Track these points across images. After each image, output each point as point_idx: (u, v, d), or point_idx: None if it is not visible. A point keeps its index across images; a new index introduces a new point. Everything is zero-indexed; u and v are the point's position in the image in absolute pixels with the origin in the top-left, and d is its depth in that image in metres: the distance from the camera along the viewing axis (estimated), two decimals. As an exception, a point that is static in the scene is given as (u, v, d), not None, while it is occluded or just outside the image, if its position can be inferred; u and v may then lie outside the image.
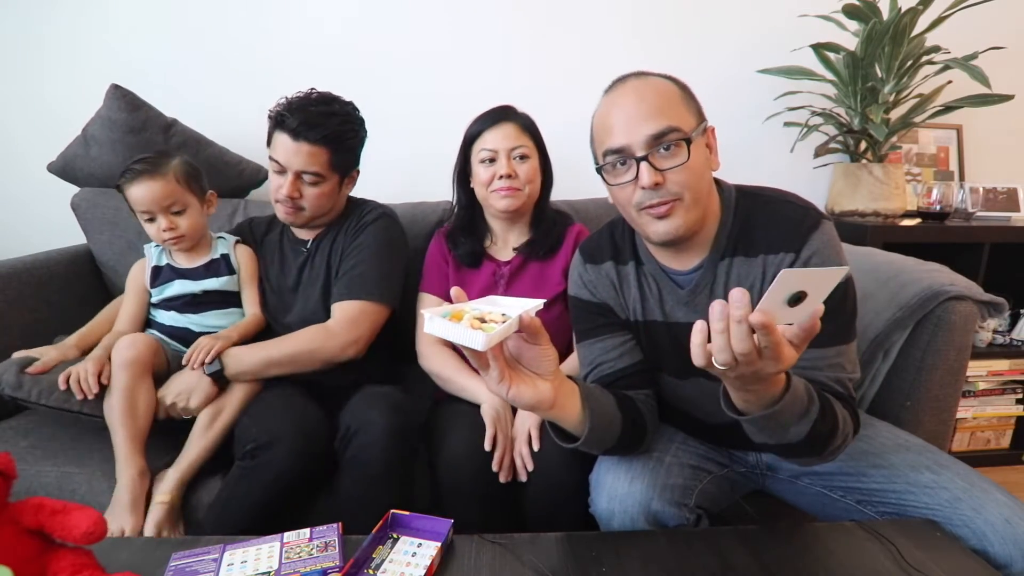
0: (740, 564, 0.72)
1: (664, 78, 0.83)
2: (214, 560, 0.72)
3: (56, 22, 1.66)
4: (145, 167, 1.16)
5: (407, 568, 0.70)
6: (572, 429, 0.78)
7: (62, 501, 0.65)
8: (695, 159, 0.78)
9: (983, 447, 1.88)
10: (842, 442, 0.76)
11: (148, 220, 1.19)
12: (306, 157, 1.15)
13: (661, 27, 1.83)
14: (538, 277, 1.25)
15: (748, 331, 0.55)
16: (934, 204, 1.73)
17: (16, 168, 1.69)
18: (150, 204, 1.16)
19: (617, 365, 0.92)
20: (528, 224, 1.29)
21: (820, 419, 0.70)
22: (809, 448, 0.73)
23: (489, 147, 1.19)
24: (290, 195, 1.17)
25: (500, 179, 1.18)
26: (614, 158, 0.81)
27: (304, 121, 1.13)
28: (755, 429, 0.71)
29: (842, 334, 0.81)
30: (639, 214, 0.82)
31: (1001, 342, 1.81)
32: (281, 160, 1.16)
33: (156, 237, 1.20)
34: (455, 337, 0.61)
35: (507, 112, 1.22)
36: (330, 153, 1.17)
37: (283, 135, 1.15)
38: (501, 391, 0.67)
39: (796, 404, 0.68)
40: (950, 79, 1.68)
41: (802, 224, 0.81)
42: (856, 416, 0.80)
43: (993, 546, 0.74)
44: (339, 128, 1.17)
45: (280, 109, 1.16)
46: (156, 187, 1.15)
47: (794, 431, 0.70)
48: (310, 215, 1.23)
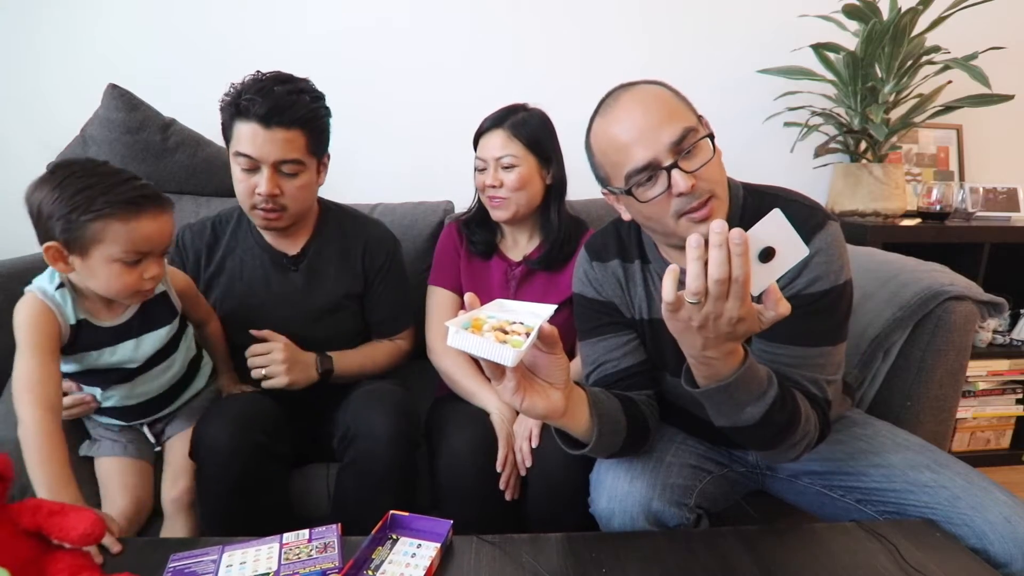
0: (740, 564, 0.72)
1: (653, 83, 0.81)
2: (213, 561, 0.71)
3: (52, 23, 1.66)
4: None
5: (406, 569, 0.70)
6: (580, 436, 0.78)
7: (60, 502, 0.66)
8: (717, 152, 0.78)
9: (983, 447, 1.88)
10: (802, 440, 0.76)
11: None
12: (283, 145, 1.02)
13: (661, 27, 1.83)
14: (549, 282, 1.23)
15: (726, 257, 0.57)
16: (934, 204, 1.73)
17: (15, 168, 1.69)
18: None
19: (620, 364, 0.92)
20: (535, 230, 1.26)
21: (777, 405, 0.71)
22: (763, 434, 0.73)
23: (479, 155, 1.19)
24: (270, 193, 1.04)
25: (490, 187, 1.17)
26: (641, 176, 0.77)
27: (275, 105, 1.00)
28: (712, 407, 0.72)
29: (831, 335, 0.81)
30: (679, 222, 0.78)
31: (1001, 342, 1.81)
32: (254, 153, 1.02)
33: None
34: (483, 352, 0.60)
35: (502, 117, 1.18)
36: (306, 137, 1.05)
37: (250, 124, 1.01)
38: (515, 402, 0.66)
39: (752, 382, 0.69)
40: (950, 79, 1.68)
41: (807, 223, 0.81)
42: (825, 420, 0.80)
43: (993, 545, 0.74)
44: (311, 107, 1.05)
45: (238, 96, 1.01)
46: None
47: (749, 411, 0.70)
48: (294, 214, 1.10)
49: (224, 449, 0.94)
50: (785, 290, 0.80)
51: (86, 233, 0.84)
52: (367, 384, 1.14)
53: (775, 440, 0.75)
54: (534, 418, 0.71)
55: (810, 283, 0.79)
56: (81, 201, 0.83)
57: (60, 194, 0.84)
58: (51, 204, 0.84)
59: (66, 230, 0.84)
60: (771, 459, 0.80)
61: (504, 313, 0.66)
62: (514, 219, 1.21)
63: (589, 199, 1.61)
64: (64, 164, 0.88)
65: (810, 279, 0.79)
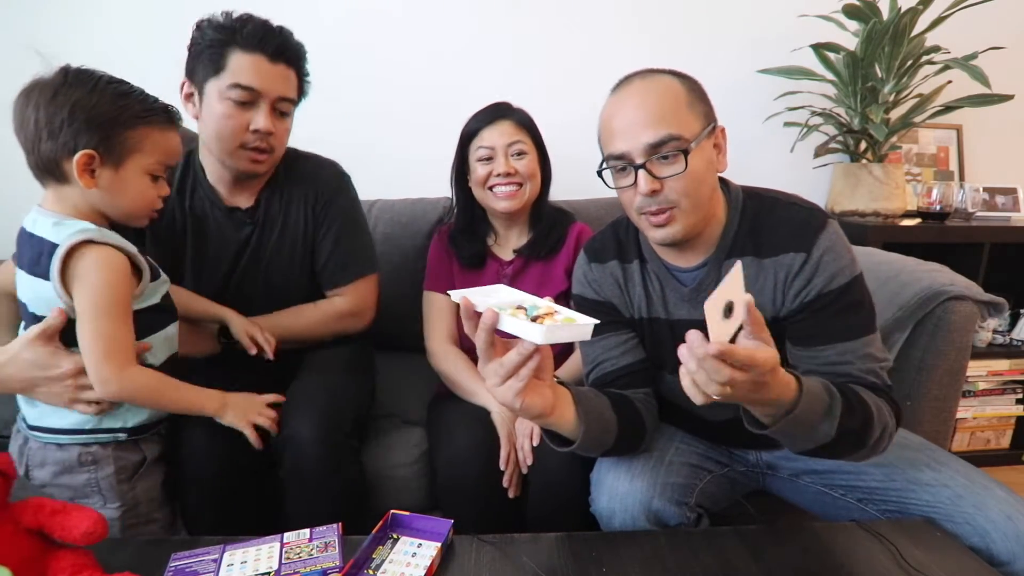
0: (740, 564, 0.72)
1: (673, 76, 0.83)
2: (214, 560, 0.71)
3: (53, 23, 1.66)
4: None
5: (407, 568, 0.70)
6: (568, 433, 0.78)
7: (62, 501, 0.66)
8: (694, 167, 0.78)
9: (983, 447, 1.88)
10: (882, 431, 0.76)
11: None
12: (284, 81, 1.01)
13: (661, 27, 1.83)
14: (540, 277, 1.24)
15: (717, 363, 0.57)
16: (934, 204, 1.73)
17: (15, 169, 1.69)
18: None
19: (619, 363, 0.92)
20: (527, 224, 1.28)
21: (847, 414, 0.71)
22: (846, 444, 0.74)
23: (486, 144, 1.18)
24: (268, 129, 1.00)
25: (498, 176, 1.17)
26: (615, 163, 0.82)
27: (283, 42, 0.99)
28: (787, 439, 0.73)
29: (865, 326, 0.81)
30: (639, 218, 0.84)
31: (1001, 342, 1.81)
32: (258, 85, 0.98)
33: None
34: (571, 337, 0.62)
35: (503, 109, 1.21)
36: (299, 79, 1.06)
37: (254, 56, 0.97)
38: (516, 403, 0.66)
39: (816, 402, 0.69)
40: (950, 79, 1.68)
41: (809, 225, 0.82)
42: (895, 403, 0.80)
43: (995, 543, 0.75)
44: (304, 51, 1.06)
45: (238, 27, 0.98)
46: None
47: (823, 430, 0.71)
48: (275, 159, 1.07)
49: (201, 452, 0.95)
50: (804, 292, 0.81)
51: (127, 142, 0.80)
52: (304, 377, 1.09)
53: (859, 443, 0.75)
54: (530, 419, 0.71)
55: (828, 281, 0.80)
56: (124, 107, 0.79)
57: (99, 99, 0.78)
58: (90, 110, 0.77)
59: (106, 138, 0.78)
60: (860, 460, 0.80)
61: (483, 298, 0.67)
62: (523, 210, 1.22)
63: (589, 199, 1.61)
64: (83, 70, 0.81)
65: (827, 278, 0.80)
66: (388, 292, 1.37)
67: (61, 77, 0.80)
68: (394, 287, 1.50)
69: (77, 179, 0.79)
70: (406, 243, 1.55)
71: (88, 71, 0.82)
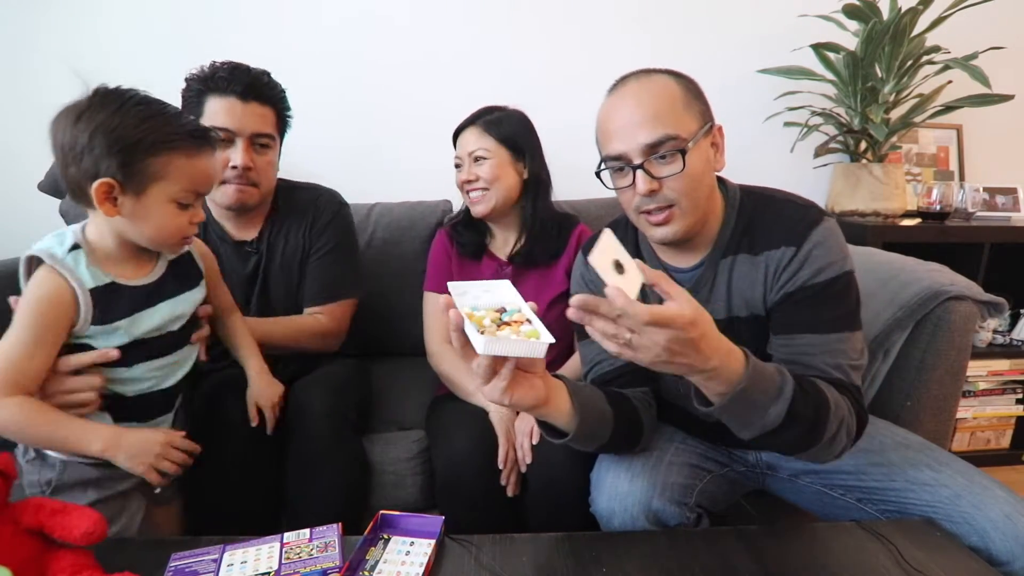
0: (740, 564, 0.72)
1: (670, 76, 0.83)
2: (214, 560, 0.72)
3: (53, 22, 1.66)
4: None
5: (402, 567, 0.70)
6: (562, 425, 0.78)
7: (62, 501, 0.66)
8: (692, 167, 0.79)
9: (983, 447, 1.88)
10: (839, 426, 0.74)
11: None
12: (259, 119, 1.08)
13: (661, 27, 1.83)
14: (540, 278, 1.25)
15: (607, 323, 0.60)
16: (934, 204, 1.73)
17: (16, 169, 1.69)
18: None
19: (617, 362, 0.92)
20: (516, 227, 1.27)
21: (799, 399, 0.70)
22: (797, 433, 0.72)
23: (456, 153, 1.23)
24: (246, 165, 1.07)
25: (466, 183, 1.21)
26: (613, 164, 0.83)
27: (253, 82, 1.07)
28: (734, 421, 0.72)
29: (845, 321, 0.81)
30: (638, 218, 0.85)
31: (1001, 342, 1.81)
32: (232, 125, 1.06)
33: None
34: (519, 352, 0.62)
35: (474, 115, 1.23)
36: (275, 114, 1.12)
37: (227, 99, 1.06)
38: (504, 400, 0.67)
39: (764, 381, 0.68)
40: (950, 79, 1.68)
41: (803, 221, 0.82)
42: (859, 405, 0.79)
43: (994, 542, 0.75)
44: (280, 90, 1.14)
45: (212, 74, 1.06)
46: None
47: (773, 412, 0.70)
48: (263, 192, 1.13)
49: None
50: (789, 283, 0.81)
51: (148, 168, 0.76)
52: (309, 375, 1.17)
53: (812, 436, 0.73)
54: (524, 411, 0.72)
55: (814, 274, 0.80)
56: (147, 132, 0.75)
57: (121, 122, 0.75)
58: (109, 135, 0.74)
59: (126, 164, 0.75)
60: (817, 458, 0.78)
61: (472, 299, 0.67)
62: (493, 213, 1.22)
63: (589, 199, 1.61)
64: (113, 91, 0.78)
65: (813, 270, 0.80)
66: (387, 296, 1.38)
67: (89, 99, 0.77)
68: (393, 291, 1.50)
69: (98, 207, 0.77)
70: (405, 247, 1.55)
71: (118, 91, 0.79)
